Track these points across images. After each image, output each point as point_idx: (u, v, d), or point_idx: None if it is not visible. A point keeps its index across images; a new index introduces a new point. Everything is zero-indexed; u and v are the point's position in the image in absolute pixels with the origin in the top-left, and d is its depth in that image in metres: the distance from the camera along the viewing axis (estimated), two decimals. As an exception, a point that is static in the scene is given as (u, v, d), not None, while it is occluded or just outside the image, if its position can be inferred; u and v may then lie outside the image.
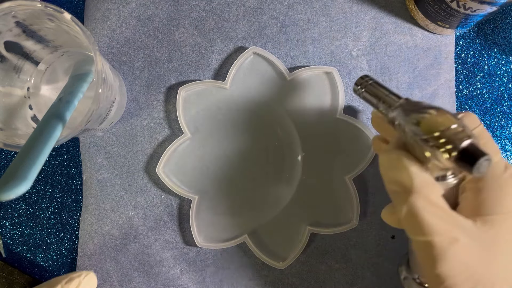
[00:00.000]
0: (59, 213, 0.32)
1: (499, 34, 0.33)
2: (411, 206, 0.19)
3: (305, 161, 0.32)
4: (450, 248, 0.18)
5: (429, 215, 0.19)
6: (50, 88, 0.29)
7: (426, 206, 0.19)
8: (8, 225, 0.32)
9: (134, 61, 0.32)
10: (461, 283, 0.19)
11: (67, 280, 0.26)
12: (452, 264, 0.18)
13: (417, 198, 0.19)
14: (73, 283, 0.26)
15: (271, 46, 0.32)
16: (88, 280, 0.27)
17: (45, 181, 0.32)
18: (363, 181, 0.32)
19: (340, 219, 0.31)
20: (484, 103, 0.33)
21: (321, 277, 0.32)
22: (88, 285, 0.26)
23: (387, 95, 0.24)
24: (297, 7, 0.32)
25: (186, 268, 0.32)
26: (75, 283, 0.26)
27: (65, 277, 0.26)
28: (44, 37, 0.27)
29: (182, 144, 0.32)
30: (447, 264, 0.18)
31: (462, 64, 0.33)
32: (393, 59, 0.32)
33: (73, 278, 0.26)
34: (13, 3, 0.22)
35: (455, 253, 0.18)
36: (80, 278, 0.26)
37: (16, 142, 0.23)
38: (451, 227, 0.19)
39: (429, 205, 0.19)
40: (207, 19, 0.32)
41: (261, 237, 0.31)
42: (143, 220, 0.32)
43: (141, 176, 0.32)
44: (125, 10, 0.32)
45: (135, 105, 0.32)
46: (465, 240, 0.19)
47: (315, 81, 0.32)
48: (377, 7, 0.32)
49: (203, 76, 0.32)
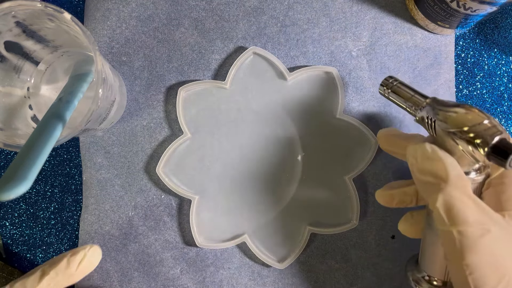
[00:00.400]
0: (59, 213, 0.32)
1: (499, 34, 0.33)
2: (447, 195, 0.20)
3: (305, 161, 0.32)
4: (481, 239, 0.19)
5: (464, 205, 0.20)
6: (50, 88, 0.29)
7: (461, 197, 0.20)
8: (8, 225, 0.32)
9: (134, 61, 0.32)
10: (488, 275, 0.19)
11: (72, 254, 0.27)
12: (482, 255, 0.19)
13: (453, 188, 0.20)
14: (78, 255, 0.26)
15: (271, 46, 0.32)
16: (93, 252, 0.27)
17: (45, 181, 0.32)
18: (363, 181, 0.32)
19: (340, 219, 0.31)
20: (484, 103, 0.33)
21: (321, 277, 0.32)
22: (93, 257, 0.27)
23: (413, 95, 0.25)
24: (297, 7, 0.32)
25: (186, 268, 0.32)
26: (80, 255, 0.26)
27: (69, 251, 0.27)
28: (44, 37, 0.27)
29: (182, 144, 0.32)
30: (477, 255, 0.19)
31: (462, 64, 0.33)
32: (393, 59, 0.32)
33: (78, 251, 0.27)
34: (13, 3, 0.22)
35: (486, 244, 0.19)
36: (85, 251, 0.27)
37: (16, 142, 0.23)
38: (483, 219, 0.19)
39: (464, 196, 0.20)
40: (207, 19, 0.32)
41: (261, 237, 0.31)
42: (143, 220, 0.32)
43: (141, 176, 0.32)
44: (125, 10, 0.32)
45: (135, 105, 0.32)
46: (496, 233, 0.19)
47: (315, 81, 0.32)
48: (377, 7, 0.32)
49: (203, 76, 0.32)
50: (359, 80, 0.32)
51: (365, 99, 0.32)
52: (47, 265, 0.26)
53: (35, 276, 0.26)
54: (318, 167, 0.32)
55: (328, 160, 0.32)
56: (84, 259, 0.27)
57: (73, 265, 0.26)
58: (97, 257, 0.27)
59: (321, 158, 0.32)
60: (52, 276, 0.26)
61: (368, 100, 0.32)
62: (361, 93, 0.32)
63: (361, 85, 0.32)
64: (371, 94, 0.32)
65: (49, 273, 0.26)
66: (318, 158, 0.32)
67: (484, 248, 0.19)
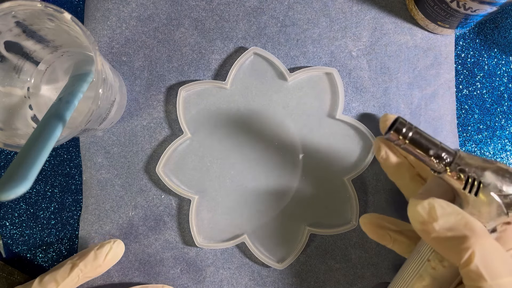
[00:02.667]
0: (59, 213, 0.32)
1: (499, 34, 0.33)
2: (482, 249, 0.19)
3: (305, 161, 0.32)
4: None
5: (501, 257, 0.19)
6: (50, 88, 0.29)
7: (495, 249, 0.19)
8: (8, 225, 0.32)
9: (134, 61, 0.32)
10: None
11: (99, 247, 0.29)
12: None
13: (484, 241, 0.19)
14: (105, 248, 0.29)
15: (271, 46, 0.32)
16: (118, 244, 0.30)
17: (45, 181, 0.32)
18: (363, 181, 0.32)
19: (340, 219, 0.31)
20: (484, 103, 0.33)
21: (321, 277, 0.32)
22: (118, 248, 0.30)
23: (437, 149, 0.22)
24: (297, 7, 0.32)
25: (186, 268, 0.32)
26: (106, 248, 0.29)
27: (96, 244, 0.30)
28: (44, 37, 0.27)
29: (182, 144, 0.32)
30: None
31: (462, 64, 0.33)
32: (393, 59, 0.32)
33: (104, 245, 0.30)
34: (13, 3, 0.22)
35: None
36: (110, 244, 0.30)
37: (16, 142, 0.23)
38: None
39: (496, 247, 0.20)
40: (207, 19, 0.32)
41: (260, 237, 0.31)
42: (143, 220, 0.32)
43: (141, 176, 0.32)
44: (125, 10, 0.32)
45: (135, 105, 0.32)
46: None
47: (315, 82, 0.32)
48: (377, 7, 0.32)
49: (203, 76, 0.32)
50: (359, 80, 0.32)
51: (365, 99, 0.32)
52: (76, 257, 0.29)
53: (65, 268, 0.28)
54: (317, 168, 0.32)
55: (328, 160, 0.32)
56: (110, 251, 0.29)
57: (101, 257, 0.29)
58: (121, 249, 0.30)
59: (320, 159, 0.32)
60: (81, 267, 0.28)
61: (368, 100, 0.32)
62: (361, 93, 0.32)
63: (361, 85, 0.32)
64: (371, 94, 0.32)
65: (78, 265, 0.28)
66: (317, 159, 0.32)
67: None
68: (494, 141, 0.33)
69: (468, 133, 0.33)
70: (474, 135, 0.33)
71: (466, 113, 0.33)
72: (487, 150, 0.33)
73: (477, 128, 0.33)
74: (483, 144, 0.33)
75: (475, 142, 0.33)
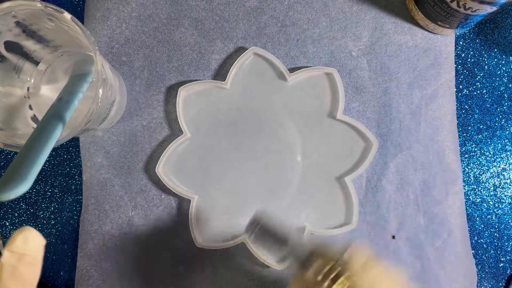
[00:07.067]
0: (59, 213, 0.32)
1: (499, 34, 0.33)
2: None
3: (305, 161, 0.32)
4: None
5: None
6: (50, 88, 0.29)
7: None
8: (8, 225, 0.32)
9: (134, 61, 0.32)
10: None
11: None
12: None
13: None
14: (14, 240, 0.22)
15: (271, 46, 0.32)
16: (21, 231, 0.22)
17: (45, 181, 0.32)
18: (363, 181, 0.32)
19: (340, 220, 0.31)
20: (484, 103, 0.33)
21: (321, 277, 0.32)
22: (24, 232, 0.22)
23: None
24: (297, 7, 0.32)
25: (186, 268, 0.32)
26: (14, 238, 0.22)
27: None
28: (44, 37, 0.27)
29: (182, 144, 0.32)
30: None
31: (462, 64, 0.33)
32: (393, 59, 0.32)
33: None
34: (13, 3, 0.22)
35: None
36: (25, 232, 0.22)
37: (16, 142, 0.23)
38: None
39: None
40: (207, 19, 0.32)
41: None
42: (143, 220, 0.32)
43: (141, 176, 0.32)
44: (125, 10, 0.32)
45: (135, 105, 0.32)
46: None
47: (315, 82, 0.32)
48: (377, 7, 0.32)
49: (203, 76, 0.32)
50: (359, 80, 0.32)
51: (365, 99, 0.32)
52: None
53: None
54: (317, 168, 0.32)
55: (327, 160, 0.32)
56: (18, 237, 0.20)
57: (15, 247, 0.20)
58: (28, 231, 0.20)
59: (320, 159, 0.32)
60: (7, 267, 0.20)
61: (368, 100, 0.32)
62: (361, 93, 0.32)
63: (361, 85, 0.32)
64: (371, 94, 0.32)
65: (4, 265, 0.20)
66: (317, 159, 0.32)
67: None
68: (494, 141, 0.33)
69: (468, 133, 0.33)
70: (474, 135, 0.33)
71: (466, 113, 0.33)
72: (487, 150, 0.33)
73: (477, 128, 0.33)
74: (483, 144, 0.33)
75: (475, 142, 0.33)
